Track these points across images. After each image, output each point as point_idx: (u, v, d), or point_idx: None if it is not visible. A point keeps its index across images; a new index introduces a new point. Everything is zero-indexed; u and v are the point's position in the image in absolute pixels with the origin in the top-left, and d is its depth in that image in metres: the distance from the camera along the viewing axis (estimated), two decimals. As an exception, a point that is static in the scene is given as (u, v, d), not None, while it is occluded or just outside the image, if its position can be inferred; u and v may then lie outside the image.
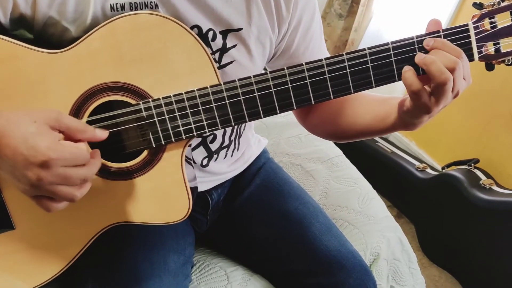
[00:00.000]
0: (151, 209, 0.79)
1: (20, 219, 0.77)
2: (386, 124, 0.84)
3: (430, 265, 2.02)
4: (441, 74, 0.70)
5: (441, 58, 0.71)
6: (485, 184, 1.81)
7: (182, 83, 0.74)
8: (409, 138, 2.53)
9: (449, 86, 0.70)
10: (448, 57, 0.71)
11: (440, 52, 0.72)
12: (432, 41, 0.74)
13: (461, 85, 0.73)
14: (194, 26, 0.78)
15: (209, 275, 1.03)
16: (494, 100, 2.02)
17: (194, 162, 0.93)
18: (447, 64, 0.70)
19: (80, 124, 0.67)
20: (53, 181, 0.61)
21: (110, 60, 0.71)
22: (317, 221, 1.04)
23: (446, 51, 0.72)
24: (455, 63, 0.70)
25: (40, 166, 0.60)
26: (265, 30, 0.86)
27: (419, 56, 0.74)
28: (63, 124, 0.64)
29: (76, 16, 0.72)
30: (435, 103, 0.73)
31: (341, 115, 0.94)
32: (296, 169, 1.43)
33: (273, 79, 0.74)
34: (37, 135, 0.60)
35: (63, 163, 0.61)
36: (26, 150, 0.59)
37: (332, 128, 0.97)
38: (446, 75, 0.70)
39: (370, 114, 0.88)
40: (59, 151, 0.61)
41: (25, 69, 0.70)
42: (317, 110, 1.00)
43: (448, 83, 0.70)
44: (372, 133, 0.90)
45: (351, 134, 0.94)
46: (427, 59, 0.71)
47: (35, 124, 0.61)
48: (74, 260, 0.81)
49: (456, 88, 0.72)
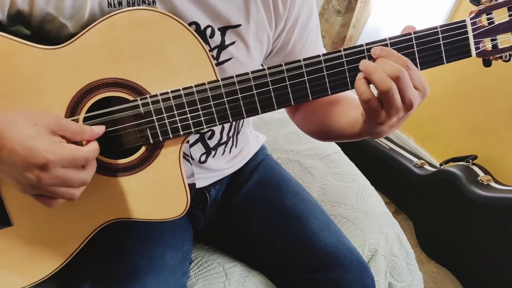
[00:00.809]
0: (149, 205, 0.79)
1: (17, 215, 0.77)
2: (355, 130, 0.82)
3: (428, 261, 2.02)
4: (382, 82, 0.68)
5: (384, 66, 0.69)
6: (483, 181, 1.82)
7: (180, 80, 0.74)
8: (408, 134, 2.53)
9: (394, 95, 0.68)
10: (392, 65, 0.69)
11: (385, 60, 0.70)
12: (379, 50, 0.72)
13: (412, 95, 0.69)
14: (192, 22, 0.78)
15: (207, 272, 1.04)
16: (492, 96, 2.03)
17: (192, 159, 0.93)
18: (390, 72, 0.68)
19: (79, 126, 0.68)
20: (52, 183, 0.62)
21: (107, 56, 0.71)
22: (315, 217, 1.04)
23: (392, 60, 0.70)
24: (399, 71, 0.68)
25: (39, 167, 0.60)
26: (263, 27, 0.85)
27: (363, 64, 0.72)
28: (63, 128, 0.64)
29: (74, 12, 0.72)
30: (386, 115, 0.71)
31: (320, 116, 0.93)
32: (294, 166, 1.43)
33: (271, 75, 0.74)
34: (36, 138, 0.60)
35: (62, 164, 0.62)
36: (24, 152, 0.59)
37: (315, 127, 0.96)
38: (388, 83, 0.67)
39: (345, 118, 0.86)
40: (58, 153, 0.61)
41: (23, 65, 0.69)
42: (301, 107, 0.99)
43: (389, 91, 0.67)
44: (345, 137, 0.88)
45: (331, 136, 0.92)
46: (369, 67, 0.70)
47: (35, 128, 0.61)
48: (72, 256, 0.81)
49: (406, 98, 0.69)
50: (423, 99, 0.72)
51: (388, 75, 0.68)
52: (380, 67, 0.69)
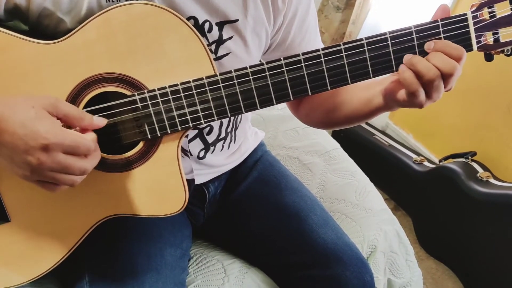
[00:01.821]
0: (147, 201, 0.79)
1: (15, 211, 0.76)
2: (370, 107, 0.85)
3: (427, 258, 2.02)
4: (428, 71, 0.70)
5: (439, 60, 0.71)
6: (482, 177, 1.81)
7: (178, 74, 0.73)
8: (407, 131, 2.53)
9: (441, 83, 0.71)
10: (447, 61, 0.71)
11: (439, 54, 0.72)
12: (433, 44, 0.73)
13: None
14: (190, 17, 0.77)
15: (206, 268, 1.03)
16: (491, 92, 2.02)
17: (190, 154, 0.93)
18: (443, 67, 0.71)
19: (78, 111, 0.67)
20: (53, 168, 0.61)
21: (105, 51, 0.71)
22: (314, 214, 1.04)
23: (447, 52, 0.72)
24: (454, 67, 0.71)
25: (40, 149, 0.59)
26: (261, 22, 0.85)
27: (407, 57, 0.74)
28: (61, 111, 0.63)
29: (71, 7, 0.72)
30: (428, 99, 0.73)
31: (329, 102, 0.94)
32: (294, 162, 1.42)
33: (270, 70, 0.74)
34: (36, 120, 0.60)
35: (63, 149, 0.61)
36: (25, 135, 0.59)
37: (322, 115, 0.97)
38: (434, 71, 0.70)
39: (356, 99, 0.88)
40: (59, 136, 0.60)
41: (20, 60, 0.69)
42: (307, 99, 1.00)
43: (436, 79, 0.70)
44: (358, 117, 0.90)
45: (340, 120, 0.94)
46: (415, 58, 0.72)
47: (33, 109, 0.60)
48: (70, 252, 0.80)
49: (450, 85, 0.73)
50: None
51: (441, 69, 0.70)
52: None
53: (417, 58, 0.72)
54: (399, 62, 0.74)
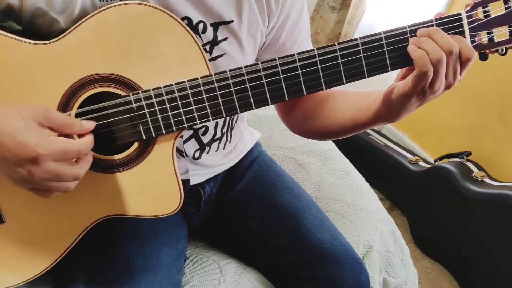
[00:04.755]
0: (143, 202, 0.79)
1: (9, 213, 0.76)
2: (369, 115, 0.83)
3: (423, 257, 2.02)
4: (434, 51, 0.70)
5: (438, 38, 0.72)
6: (477, 177, 1.82)
7: (173, 75, 0.73)
8: (402, 131, 2.54)
9: (443, 67, 0.71)
10: (447, 39, 0.71)
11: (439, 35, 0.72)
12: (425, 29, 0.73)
13: (454, 77, 0.74)
14: (184, 17, 0.77)
15: (202, 268, 1.03)
16: (486, 93, 2.03)
17: (186, 155, 0.93)
18: (443, 45, 0.71)
19: (68, 119, 0.67)
20: (45, 177, 0.61)
21: (99, 51, 0.70)
22: (310, 214, 1.04)
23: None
24: (453, 46, 0.70)
25: (30, 161, 0.59)
26: (256, 23, 0.85)
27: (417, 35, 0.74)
28: (51, 120, 0.63)
29: (65, 7, 0.71)
30: (431, 89, 0.73)
31: (324, 109, 0.93)
32: (289, 162, 1.42)
33: (265, 70, 0.73)
34: (25, 131, 0.59)
35: (53, 157, 0.61)
36: (14, 146, 0.59)
37: (315, 123, 0.95)
38: (440, 52, 0.70)
39: (353, 106, 0.87)
40: (48, 147, 0.60)
41: (13, 61, 0.69)
42: (299, 106, 0.99)
43: (440, 60, 0.70)
44: (354, 126, 0.88)
45: (334, 129, 0.92)
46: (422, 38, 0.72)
47: (23, 120, 0.60)
48: (65, 253, 0.80)
49: (449, 76, 0.73)
50: (447, 89, 0.75)
51: (441, 47, 0.70)
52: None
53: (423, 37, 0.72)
54: (393, 62, 0.74)
